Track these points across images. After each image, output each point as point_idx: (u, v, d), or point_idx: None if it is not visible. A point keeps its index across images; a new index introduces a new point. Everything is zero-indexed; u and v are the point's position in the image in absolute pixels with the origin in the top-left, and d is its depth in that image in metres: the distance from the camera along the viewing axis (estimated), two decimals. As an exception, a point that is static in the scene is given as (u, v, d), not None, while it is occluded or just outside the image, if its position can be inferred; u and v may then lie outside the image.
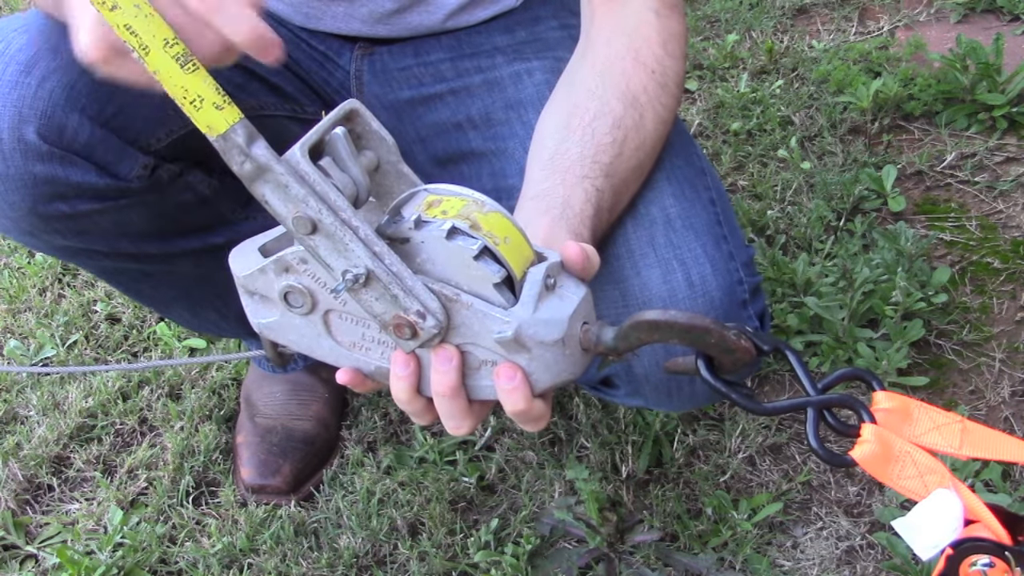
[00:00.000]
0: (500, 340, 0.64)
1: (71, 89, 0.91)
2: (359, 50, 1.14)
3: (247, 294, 0.70)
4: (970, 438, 0.57)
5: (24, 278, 1.69)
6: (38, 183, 0.92)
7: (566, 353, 0.66)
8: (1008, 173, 1.71)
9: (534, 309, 0.64)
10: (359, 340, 0.69)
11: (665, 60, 0.92)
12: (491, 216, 0.65)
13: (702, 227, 0.92)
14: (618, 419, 1.32)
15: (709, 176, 0.99)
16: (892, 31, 2.11)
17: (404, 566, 1.20)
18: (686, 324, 0.62)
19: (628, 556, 1.20)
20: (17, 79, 0.90)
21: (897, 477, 0.56)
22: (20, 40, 0.91)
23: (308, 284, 0.67)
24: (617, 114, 0.87)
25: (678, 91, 0.94)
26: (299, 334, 0.70)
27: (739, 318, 0.91)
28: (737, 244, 0.95)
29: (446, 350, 0.66)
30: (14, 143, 0.90)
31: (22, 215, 0.95)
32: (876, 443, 0.57)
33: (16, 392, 1.48)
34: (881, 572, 1.16)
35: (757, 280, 0.95)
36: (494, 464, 1.30)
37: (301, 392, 1.37)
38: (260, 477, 1.29)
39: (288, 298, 0.68)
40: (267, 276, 0.68)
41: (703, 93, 1.99)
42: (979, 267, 1.54)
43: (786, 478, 1.27)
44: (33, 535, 1.29)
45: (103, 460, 1.37)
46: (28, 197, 0.93)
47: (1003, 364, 1.38)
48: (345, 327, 0.69)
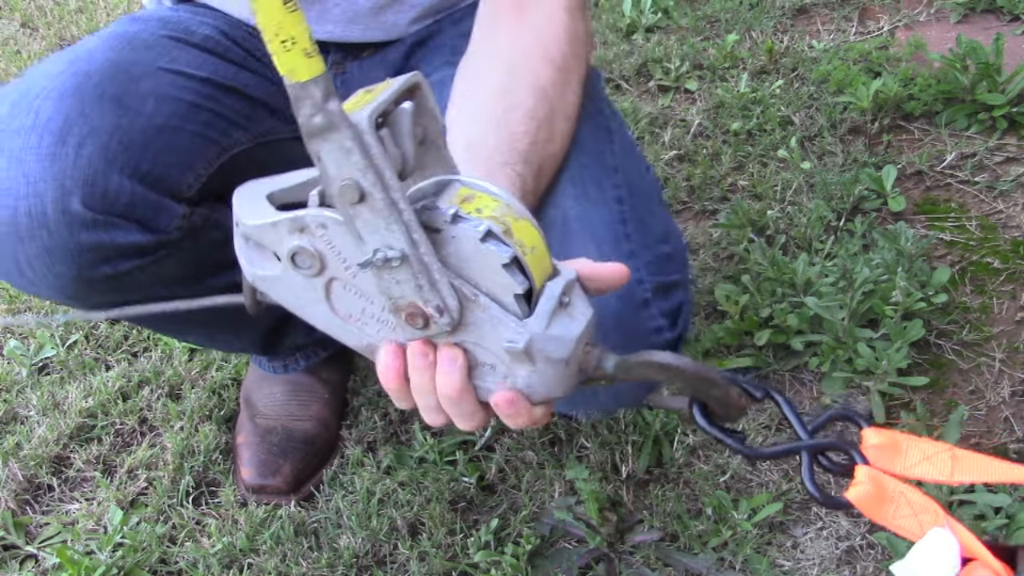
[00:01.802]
0: (509, 350, 0.64)
1: (107, 151, 0.91)
2: (332, 68, 1.14)
3: (245, 240, 0.68)
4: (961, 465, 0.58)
5: (24, 278, 1.69)
6: (83, 251, 0.92)
7: (566, 373, 0.66)
8: (1008, 173, 1.71)
9: (547, 324, 0.64)
10: (357, 314, 0.68)
11: (570, 58, 0.93)
12: (522, 223, 0.65)
13: (600, 226, 0.92)
14: (618, 419, 1.32)
15: (622, 173, 0.99)
16: (892, 31, 2.11)
17: (404, 566, 1.20)
18: (693, 373, 0.64)
19: (628, 556, 1.20)
20: (54, 150, 0.89)
21: (892, 517, 0.58)
22: (48, 108, 0.91)
23: (321, 249, 0.65)
24: (528, 106, 0.89)
25: (580, 89, 0.95)
26: (294, 294, 0.68)
27: (638, 319, 0.91)
28: (644, 242, 0.94)
29: (451, 351, 0.66)
30: (59, 216, 0.90)
31: (67, 283, 0.95)
32: (870, 484, 0.58)
33: (16, 392, 1.48)
34: (881, 572, 1.16)
35: (671, 278, 0.94)
36: (494, 464, 1.30)
37: (301, 392, 1.37)
38: (260, 477, 1.29)
39: (295, 258, 0.66)
40: (278, 232, 0.65)
41: (703, 93, 1.99)
42: (979, 267, 1.54)
43: (786, 478, 1.27)
44: (33, 535, 1.29)
45: (103, 460, 1.37)
46: (74, 266, 0.93)
47: (1003, 364, 1.38)
48: (347, 298, 0.67)
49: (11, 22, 2.58)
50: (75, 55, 0.97)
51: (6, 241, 0.92)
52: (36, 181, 0.89)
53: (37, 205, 0.90)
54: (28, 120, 0.90)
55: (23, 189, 0.89)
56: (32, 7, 2.62)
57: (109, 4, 2.59)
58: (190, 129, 0.99)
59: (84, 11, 2.56)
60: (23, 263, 0.93)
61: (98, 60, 0.96)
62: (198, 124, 1.00)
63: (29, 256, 0.92)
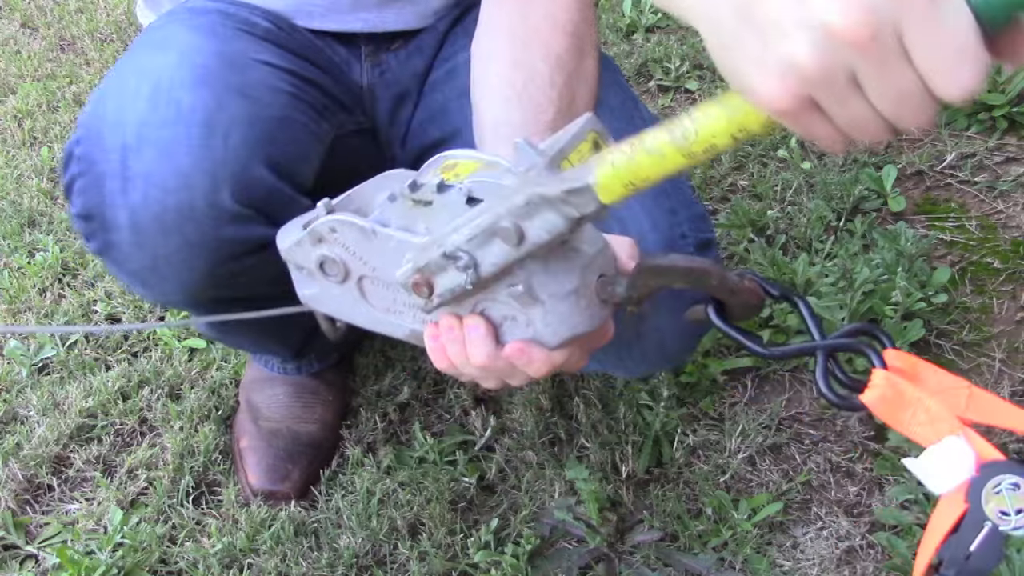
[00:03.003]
0: (513, 294, 0.66)
1: (248, 142, 0.89)
2: (367, 61, 1.12)
3: (294, 267, 0.73)
4: (975, 404, 0.56)
5: (24, 278, 1.69)
6: (223, 245, 0.91)
7: (581, 305, 0.67)
8: (1008, 173, 1.71)
9: (545, 262, 0.65)
10: (391, 304, 0.72)
11: (580, 24, 0.94)
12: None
13: None
14: (618, 419, 1.32)
15: None
16: (892, 31, 2.11)
17: (404, 566, 1.20)
18: (685, 266, 0.65)
19: (628, 556, 1.20)
20: (204, 142, 0.87)
21: (908, 424, 0.56)
22: (188, 98, 0.88)
23: (340, 253, 0.69)
24: (546, 75, 0.89)
25: (595, 53, 0.95)
26: (338, 302, 0.73)
27: None
28: (681, 201, 0.96)
29: (472, 319, 0.69)
30: (208, 209, 0.88)
31: (197, 278, 0.93)
32: (888, 388, 0.56)
33: (16, 392, 1.48)
34: (881, 572, 1.16)
35: (707, 235, 0.96)
36: (494, 464, 1.30)
37: (304, 394, 1.36)
38: (270, 483, 1.28)
39: (324, 267, 0.71)
40: (304, 248, 0.71)
41: (703, 93, 1.99)
42: (979, 267, 1.54)
43: (786, 478, 1.27)
44: (33, 535, 1.29)
45: (103, 460, 1.37)
46: (210, 261, 0.91)
47: (1003, 364, 1.38)
48: (378, 292, 0.71)
49: (11, 22, 2.58)
50: (178, 48, 0.93)
51: (149, 235, 0.89)
52: (188, 174, 0.87)
53: (187, 199, 0.87)
54: (171, 112, 0.87)
55: (173, 183, 0.87)
56: (32, 7, 2.62)
57: (109, 4, 2.59)
58: (299, 121, 0.97)
59: (84, 11, 2.56)
60: (161, 258, 0.91)
61: (205, 52, 0.92)
62: (301, 115, 0.98)
63: (170, 251, 0.90)
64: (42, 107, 2.17)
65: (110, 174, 0.88)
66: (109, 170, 0.88)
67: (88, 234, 0.94)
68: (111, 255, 0.93)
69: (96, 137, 0.90)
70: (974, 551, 0.51)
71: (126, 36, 2.45)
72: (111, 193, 0.89)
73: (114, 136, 0.88)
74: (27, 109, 2.16)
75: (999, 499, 0.52)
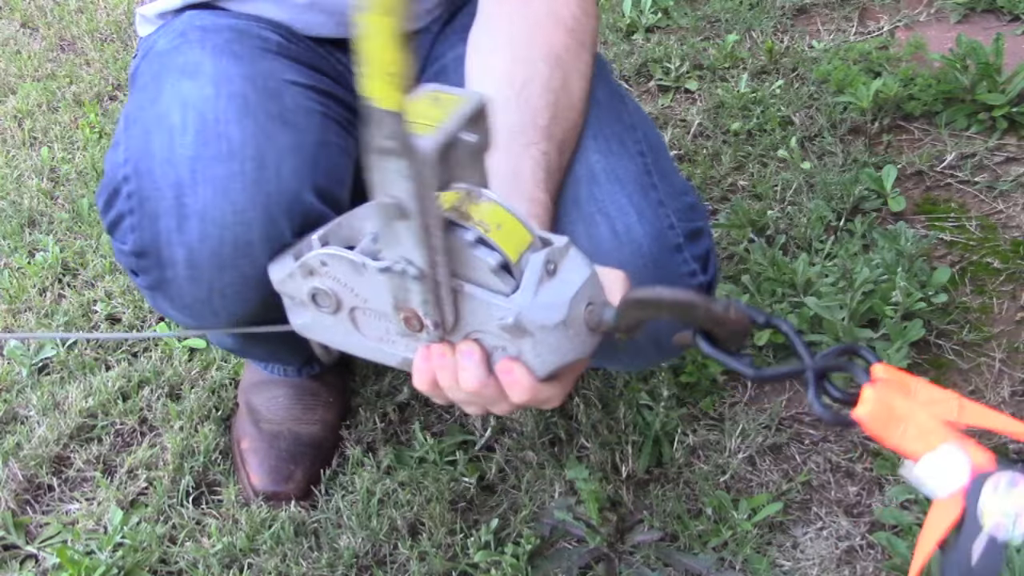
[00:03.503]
0: (503, 327, 0.66)
1: (297, 171, 0.88)
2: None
3: (286, 297, 0.73)
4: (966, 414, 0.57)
5: (24, 278, 1.69)
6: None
7: (569, 335, 0.67)
8: (1008, 173, 1.71)
9: (534, 294, 0.65)
10: (384, 334, 0.72)
11: (581, 18, 0.93)
12: (483, 205, 0.67)
13: (628, 178, 0.93)
14: (618, 419, 1.32)
15: (640, 131, 1.00)
16: (892, 31, 2.11)
17: (404, 566, 1.20)
18: (670, 300, 0.64)
19: (628, 556, 1.20)
20: (257, 175, 0.86)
21: (900, 437, 0.56)
22: (236, 133, 0.87)
23: (331, 285, 0.69)
24: (544, 76, 0.89)
25: (594, 47, 0.95)
26: (331, 332, 0.73)
27: (672, 263, 0.92)
28: (669, 191, 0.95)
29: (466, 346, 0.69)
30: (263, 244, 0.87)
31: (248, 309, 0.92)
32: (878, 403, 0.57)
33: (16, 392, 1.48)
34: (881, 572, 1.16)
35: (697, 224, 0.96)
36: (494, 464, 1.30)
37: (305, 396, 1.36)
38: (273, 484, 1.28)
39: (316, 299, 0.71)
40: (296, 280, 0.71)
41: (703, 93, 1.99)
42: (979, 267, 1.54)
43: (786, 478, 1.27)
44: (33, 535, 1.29)
45: (103, 460, 1.37)
46: (264, 292, 0.89)
47: (1003, 364, 1.38)
48: (370, 323, 0.71)
49: (11, 22, 2.58)
50: (208, 75, 0.91)
51: (205, 271, 0.89)
52: (244, 210, 0.86)
53: (243, 235, 0.87)
54: (223, 147, 0.86)
55: (230, 218, 0.86)
56: (32, 7, 2.62)
57: (109, 4, 2.59)
58: (333, 142, 0.96)
59: (84, 11, 2.56)
60: (216, 292, 0.90)
61: (237, 79, 0.91)
62: (335, 135, 0.97)
63: (225, 284, 0.90)
64: (42, 107, 2.17)
65: (165, 212, 0.87)
66: (163, 208, 0.87)
67: (140, 270, 0.93)
68: (165, 291, 0.93)
69: (147, 175, 0.88)
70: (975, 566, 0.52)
71: (126, 36, 2.45)
72: (167, 231, 0.88)
73: (166, 173, 0.87)
74: (27, 109, 2.16)
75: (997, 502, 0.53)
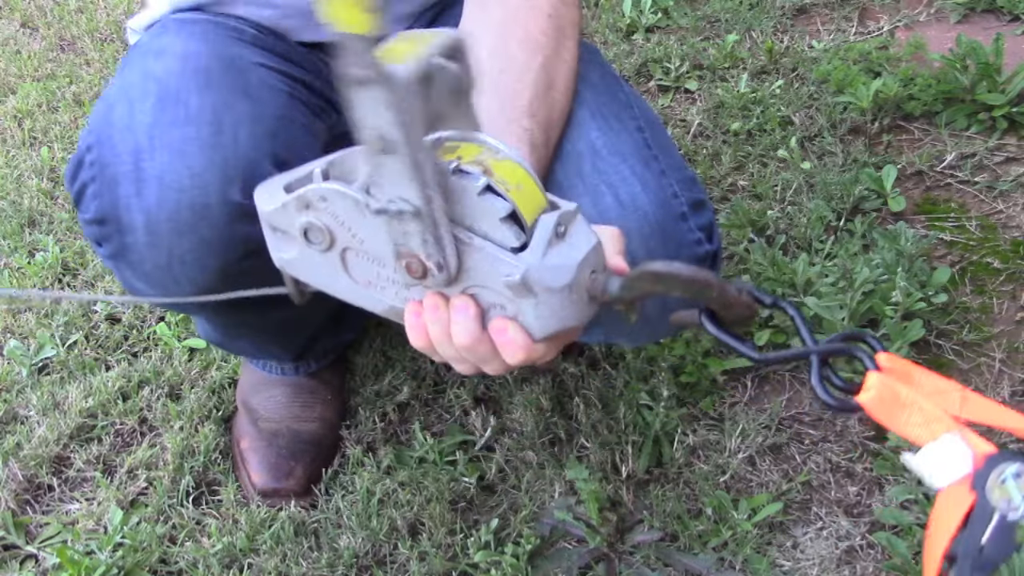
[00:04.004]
0: (508, 284, 0.66)
1: (255, 138, 0.90)
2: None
3: (270, 229, 0.72)
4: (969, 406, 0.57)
5: (24, 278, 1.69)
6: (236, 243, 0.91)
7: (572, 299, 0.67)
8: (1008, 173, 1.71)
9: (543, 255, 0.65)
10: (374, 279, 0.71)
11: (560, 6, 0.95)
12: (505, 163, 0.67)
13: (629, 151, 0.94)
14: (618, 419, 1.32)
15: (637, 108, 1.02)
16: (892, 31, 2.11)
17: (404, 566, 1.20)
18: (688, 277, 0.64)
19: (628, 556, 1.20)
20: (214, 140, 0.88)
21: (904, 424, 0.56)
22: (195, 100, 0.89)
23: (327, 222, 0.68)
24: (521, 60, 0.90)
25: (575, 33, 0.97)
26: (317, 271, 0.72)
27: (678, 231, 0.93)
28: (670, 164, 0.96)
29: (461, 300, 0.68)
30: (221, 207, 0.89)
31: (209, 277, 0.93)
32: (883, 389, 0.57)
33: (16, 392, 1.48)
34: (881, 572, 1.16)
35: (698, 196, 0.97)
36: (494, 464, 1.30)
37: (303, 394, 1.36)
38: (274, 480, 1.28)
39: (308, 235, 0.69)
40: (288, 212, 0.69)
41: (703, 93, 1.99)
42: (979, 267, 1.54)
43: (786, 478, 1.27)
44: (33, 535, 1.29)
45: (103, 460, 1.37)
46: (223, 259, 0.92)
47: (1003, 364, 1.38)
48: (361, 265, 0.70)
49: (11, 22, 2.58)
50: (178, 55, 0.95)
51: (164, 235, 0.90)
52: (200, 172, 0.88)
53: (200, 197, 0.88)
54: (180, 113, 0.89)
55: (187, 182, 0.88)
56: (32, 7, 2.62)
57: (109, 4, 2.59)
58: (298, 120, 0.98)
59: (84, 11, 2.56)
60: (176, 257, 0.91)
61: (205, 56, 0.94)
62: (300, 114, 0.99)
63: (184, 250, 0.91)
64: (42, 107, 2.17)
65: (123, 177, 0.89)
66: (122, 173, 0.89)
67: (102, 238, 0.94)
68: (126, 257, 0.94)
69: (107, 142, 0.91)
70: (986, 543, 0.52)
71: (126, 36, 2.45)
72: (126, 196, 0.90)
73: (125, 140, 0.89)
74: (27, 109, 2.16)
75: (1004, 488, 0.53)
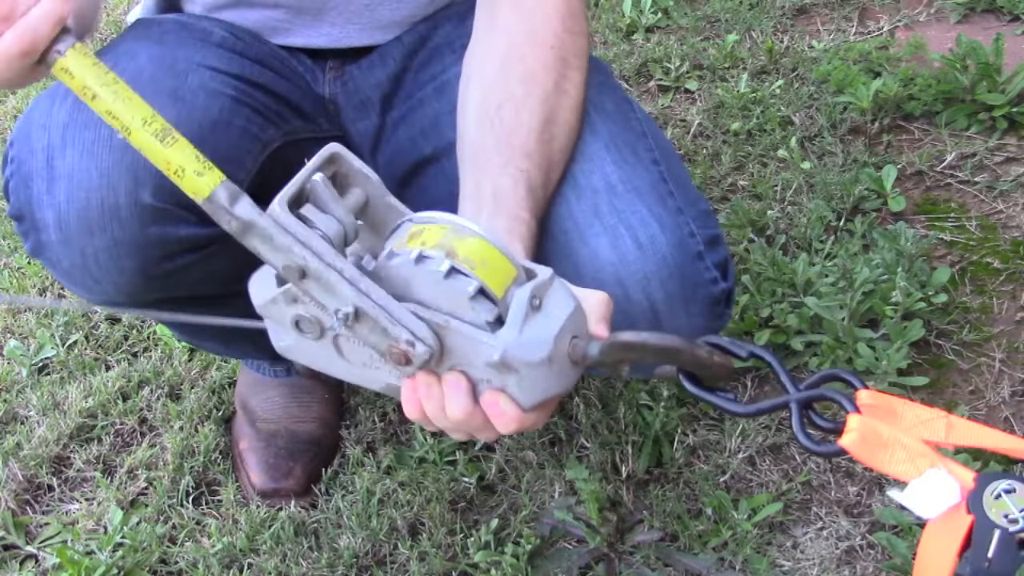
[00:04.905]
0: (488, 364, 0.67)
1: None
2: (330, 73, 1.14)
3: (267, 319, 0.74)
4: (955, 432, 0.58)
5: (24, 278, 1.69)
6: (150, 244, 0.92)
7: (554, 370, 0.68)
8: (1008, 173, 1.71)
9: (520, 331, 0.66)
10: (368, 360, 0.72)
11: (564, 36, 0.94)
12: (468, 240, 0.67)
13: (646, 188, 0.93)
14: (618, 419, 1.32)
15: (651, 138, 1.01)
16: (892, 31, 2.11)
17: (404, 566, 1.20)
18: (658, 346, 0.66)
19: (628, 556, 1.20)
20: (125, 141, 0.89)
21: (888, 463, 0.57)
22: None
23: (315, 313, 0.69)
24: (518, 96, 0.90)
25: (581, 63, 0.96)
26: (315, 356, 0.73)
27: (695, 271, 0.92)
28: (686, 199, 0.96)
29: (453, 376, 0.69)
30: (131, 207, 0.89)
31: (129, 279, 0.94)
32: (864, 430, 0.58)
33: (16, 392, 1.48)
34: (881, 572, 1.16)
35: (714, 232, 0.96)
36: (494, 464, 1.30)
37: (300, 394, 1.36)
38: (272, 481, 1.29)
39: (299, 325, 0.71)
40: (279, 305, 0.71)
41: (703, 93, 1.99)
42: (979, 267, 1.54)
43: (786, 478, 1.27)
44: (33, 535, 1.29)
45: (103, 460, 1.37)
46: (140, 259, 0.92)
47: (1003, 364, 1.38)
48: (355, 349, 0.71)
49: (11, 22, 2.58)
50: (115, 55, 0.96)
51: (76, 235, 0.91)
52: (109, 172, 0.89)
53: (110, 197, 0.89)
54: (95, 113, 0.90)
55: (96, 181, 0.89)
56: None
57: (109, 4, 2.59)
58: (238, 124, 0.99)
59: (84, 11, 2.56)
60: (90, 257, 0.92)
61: (143, 58, 0.95)
62: (242, 119, 1.00)
63: (97, 249, 0.91)
64: (42, 107, 2.17)
65: (36, 174, 0.91)
66: (36, 170, 0.91)
67: (23, 234, 0.96)
68: (44, 255, 0.95)
69: (26, 139, 0.92)
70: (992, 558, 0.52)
71: (126, 36, 2.45)
72: (38, 193, 0.91)
73: (40, 138, 0.91)
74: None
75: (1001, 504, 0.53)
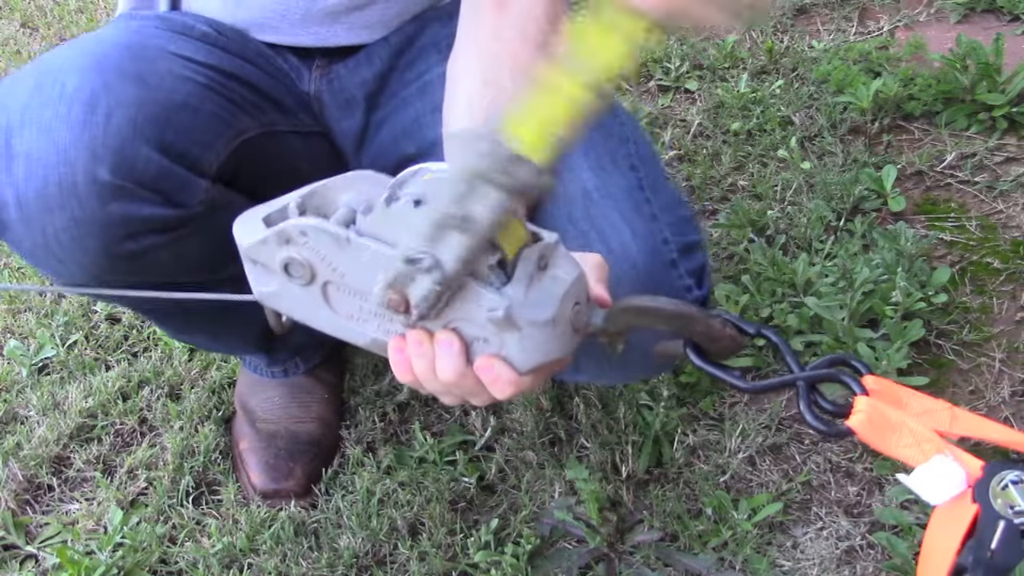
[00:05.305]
0: (492, 319, 0.66)
1: (134, 122, 0.90)
2: (316, 70, 1.14)
3: (250, 262, 0.72)
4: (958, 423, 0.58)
5: (24, 278, 1.69)
6: (112, 224, 0.92)
7: (556, 332, 0.67)
8: (1008, 173, 1.71)
9: (526, 289, 0.65)
10: (356, 312, 0.70)
11: (552, 36, 0.93)
12: None
13: (621, 194, 0.93)
14: (618, 419, 1.32)
15: (633, 143, 1.00)
16: (892, 31, 2.11)
17: (404, 566, 1.20)
18: (672, 311, 0.65)
19: (628, 556, 1.20)
20: (85, 119, 0.89)
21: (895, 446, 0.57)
22: (74, 80, 0.90)
23: (307, 256, 0.68)
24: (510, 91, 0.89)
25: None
26: (298, 303, 0.72)
27: (668, 279, 0.92)
28: (663, 205, 0.95)
29: (445, 335, 0.68)
30: (89, 185, 0.89)
31: (93, 259, 0.94)
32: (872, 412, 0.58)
33: (16, 392, 1.48)
34: (881, 572, 1.16)
35: (691, 238, 0.96)
36: (494, 464, 1.30)
37: (300, 394, 1.36)
38: (273, 481, 1.28)
39: (288, 269, 0.69)
40: (268, 247, 0.69)
41: (703, 93, 1.99)
42: (979, 267, 1.54)
43: (786, 478, 1.27)
44: (33, 535, 1.29)
45: (103, 460, 1.37)
46: (102, 239, 0.92)
47: (1003, 364, 1.38)
48: (343, 299, 0.70)
49: (11, 22, 2.58)
50: (84, 44, 0.97)
51: (36, 214, 0.91)
52: (67, 150, 0.89)
53: (68, 175, 0.89)
54: (55, 91, 0.89)
55: (53, 159, 0.89)
56: (32, 7, 2.62)
57: (109, 4, 2.59)
58: (207, 109, 0.99)
59: (84, 11, 2.56)
60: (51, 236, 0.92)
61: (110, 43, 0.96)
62: (213, 105, 1.00)
63: (58, 228, 0.91)
64: (42, 107, 2.17)
65: None
66: None
67: None
68: (7, 235, 0.95)
69: None
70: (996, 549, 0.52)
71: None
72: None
73: (0, 118, 0.91)
74: (27, 109, 2.16)
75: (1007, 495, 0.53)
